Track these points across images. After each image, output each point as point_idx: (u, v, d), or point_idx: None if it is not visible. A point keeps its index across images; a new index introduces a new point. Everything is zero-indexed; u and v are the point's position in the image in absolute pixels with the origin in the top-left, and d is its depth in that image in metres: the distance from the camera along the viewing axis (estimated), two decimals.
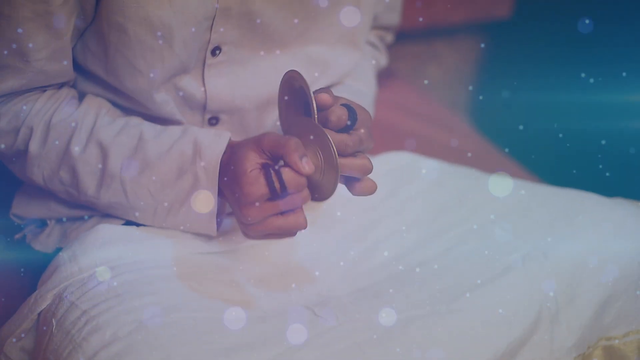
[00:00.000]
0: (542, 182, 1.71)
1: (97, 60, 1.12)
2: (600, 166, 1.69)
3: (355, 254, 1.21)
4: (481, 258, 1.17)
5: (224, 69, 1.14)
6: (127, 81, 1.11)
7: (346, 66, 1.24)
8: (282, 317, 1.08)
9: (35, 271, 1.21)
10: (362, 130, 1.05)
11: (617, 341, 1.16)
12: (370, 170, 1.04)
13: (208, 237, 1.16)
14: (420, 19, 2.01)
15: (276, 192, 0.99)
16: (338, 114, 1.02)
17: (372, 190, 1.04)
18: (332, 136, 1.01)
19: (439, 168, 1.34)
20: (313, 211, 1.24)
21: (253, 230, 1.02)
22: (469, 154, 1.80)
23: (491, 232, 1.21)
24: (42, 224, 1.23)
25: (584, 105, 1.86)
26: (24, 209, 1.21)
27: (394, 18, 1.36)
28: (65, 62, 1.11)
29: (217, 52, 1.12)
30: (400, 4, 1.36)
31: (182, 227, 1.12)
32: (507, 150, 1.90)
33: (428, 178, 1.31)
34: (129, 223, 1.16)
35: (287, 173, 0.98)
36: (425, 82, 2.18)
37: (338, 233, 1.23)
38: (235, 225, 1.20)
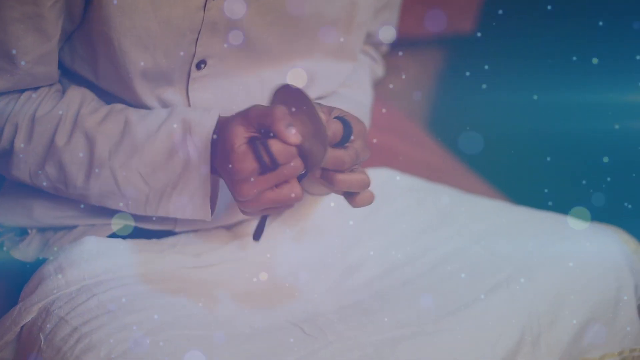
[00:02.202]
0: (505, 196, 1.75)
1: (87, 65, 1.10)
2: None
3: (339, 270, 1.21)
4: (465, 278, 1.18)
5: (208, 83, 1.13)
6: (116, 89, 1.10)
7: (335, 78, 1.24)
8: (271, 334, 1.08)
9: (13, 280, 1.19)
10: (358, 142, 1.04)
11: None
12: (368, 184, 1.04)
13: (194, 252, 1.15)
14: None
15: (266, 165, 0.97)
16: (333, 129, 1.01)
17: (370, 200, 1.05)
18: (329, 152, 1.00)
19: (418, 185, 1.35)
20: (295, 228, 1.24)
21: (249, 206, 1.00)
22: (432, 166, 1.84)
23: (474, 253, 1.22)
24: (22, 232, 1.20)
25: (546, 116, 1.90)
26: (3, 217, 1.18)
27: (389, 33, 1.36)
28: (52, 65, 1.09)
29: (202, 65, 1.11)
30: (397, 19, 1.36)
31: (175, 214, 1.09)
32: (468, 162, 1.93)
33: (408, 196, 1.32)
34: (115, 235, 1.15)
35: (275, 145, 0.96)
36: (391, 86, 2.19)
37: (321, 250, 1.23)
38: (219, 238, 1.19)
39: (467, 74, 2.20)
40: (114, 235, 1.15)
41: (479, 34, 2.18)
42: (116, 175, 1.06)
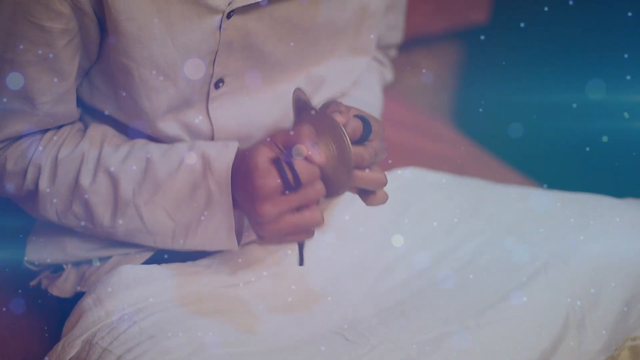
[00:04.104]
0: (534, 184, 1.73)
1: (106, 99, 1.11)
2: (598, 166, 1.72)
3: (374, 273, 1.21)
4: (502, 269, 1.17)
5: (227, 100, 1.14)
6: (135, 119, 1.10)
7: (349, 76, 1.24)
8: (313, 345, 1.07)
9: (54, 317, 1.20)
10: (376, 142, 1.04)
11: None
12: (385, 184, 1.04)
13: (229, 270, 1.16)
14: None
15: (289, 184, 0.96)
16: (352, 127, 1.01)
17: (384, 200, 1.05)
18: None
19: (446, 180, 1.35)
20: (328, 235, 1.24)
21: (268, 230, 0.98)
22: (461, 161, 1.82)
23: (508, 242, 1.22)
24: (57, 268, 1.21)
25: (564, 106, 1.88)
26: (38, 254, 1.19)
27: (396, 36, 1.37)
28: (71, 104, 1.10)
29: (220, 84, 1.12)
30: (403, 22, 1.36)
31: (202, 247, 1.10)
32: (495, 153, 1.92)
33: (437, 192, 1.31)
34: (149, 262, 1.15)
35: (299, 164, 0.96)
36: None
37: (356, 254, 1.23)
38: (254, 254, 1.19)
39: (485, 64, 2.19)
40: (148, 262, 1.16)
41: (493, 23, 2.17)
42: (141, 213, 1.08)
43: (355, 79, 1.26)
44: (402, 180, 1.32)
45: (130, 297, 1.08)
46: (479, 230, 1.24)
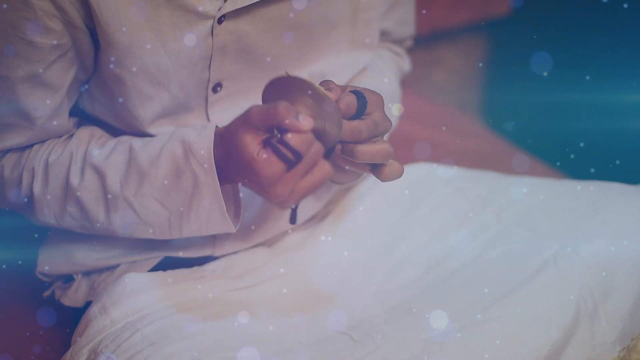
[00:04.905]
0: (561, 176, 1.70)
1: (105, 110, 1.12)
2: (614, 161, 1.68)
3: (383, 271, 1.20)
4: (511, 262, 1.15)
5: (226, 104, 1.13)
6: (136, 128, 1.11)
7: (351, 69, 1.22)
8: (319, 346, 1.07)
9: (67, 327, 1.21)
10: (376, 113, 1.02)
11: None
12: (391, 154, 1.01)
13: (235, 274, 1.15)
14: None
15: (291, 161, 0.95)
16: (346, 101, 0.99)
17: (399, 173, 1.02)
18: (345, 124, 0.98)
19: (457, 175, 1.33)
20: (335, 234, 1.23)
21: (289, 202, 0.97)
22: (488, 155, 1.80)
23: (518, 235, 1.20)
24: (69, 278, 1.22)
25: (591, 99, 1.86)
26: (49, 266, 1.21)
27: (408, 30, 1.34)
28: (64, 117, 1.11)
29: (218, 88, 1.11)
30: (413, 15, 1.34)
31: (200, 232, 1.09)
32: (522, 147, 1.89)
33: (447, 187, 1.30)
34: (156, 268, 1.16)
35: (292, 138, 0.94)
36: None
37: (364, 253, 1.22)
38: (259, 258, 1.19)
39: (510, 56, 2.16)
40: (155, 269, 1.16)
41: (516, 15, 2.14)
42: (132, 204, 1.07)
43: (361, 68, 1.24)
44: (411, 177, 1.30)
45: (134, 305, 1.09)
46: (489, 223, 1.22)
